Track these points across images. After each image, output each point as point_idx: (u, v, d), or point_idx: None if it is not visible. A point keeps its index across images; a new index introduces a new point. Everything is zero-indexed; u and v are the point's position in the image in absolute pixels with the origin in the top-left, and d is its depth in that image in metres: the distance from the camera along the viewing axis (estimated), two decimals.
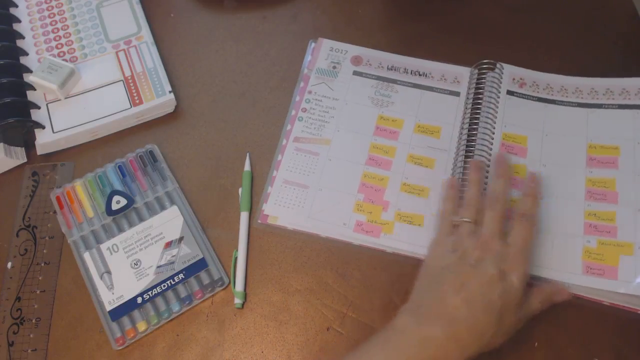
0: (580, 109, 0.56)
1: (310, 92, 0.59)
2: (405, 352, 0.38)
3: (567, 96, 0.57)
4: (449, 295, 0.40)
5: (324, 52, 0.61)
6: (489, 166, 0.52)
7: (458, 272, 0.41)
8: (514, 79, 0.58)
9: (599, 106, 0.56)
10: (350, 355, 0.40)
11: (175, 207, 0.52)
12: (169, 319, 0.48)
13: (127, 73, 0.59)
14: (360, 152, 0.55)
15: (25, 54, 0.60)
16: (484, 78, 0.58)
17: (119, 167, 0.54)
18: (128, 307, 0.48)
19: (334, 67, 0.60)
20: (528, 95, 0.57)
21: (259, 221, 0.52)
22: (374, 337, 0.40)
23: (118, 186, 0.53)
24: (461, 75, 0.59)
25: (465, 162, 0.54)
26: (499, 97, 0.57)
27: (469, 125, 0.56)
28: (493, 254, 0.41)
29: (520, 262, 0.41)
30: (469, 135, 0.55)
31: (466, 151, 0.54)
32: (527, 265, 0.42)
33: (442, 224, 0.47)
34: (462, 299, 0.39)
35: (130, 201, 0.52)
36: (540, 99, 0.57)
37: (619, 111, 0.55)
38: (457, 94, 0.58)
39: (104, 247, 0.50)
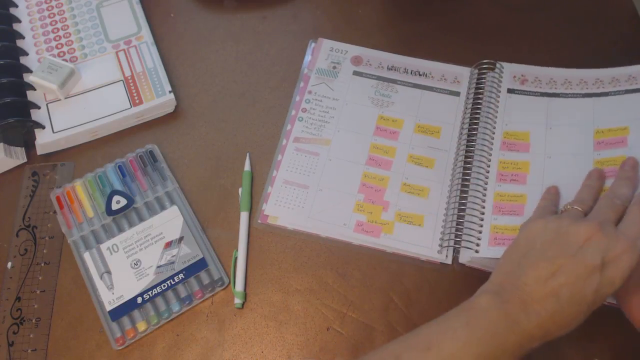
0: (586, 99, 0.55)
1: (310, 92, 0.59)
2: (492, 333, 0.35)
3: (571, 88, 0.56)
4: (537, 281, 0.35)
5: (324, 52, 0.61)
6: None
7: (553, 257, 0.36)
8: (514, 77, 0.58)
9: (606, 94, 0.54)
10: (428, 326, 0.37)
11: (175, 207, 0.52)
12: (169, 319, 0.48)
13: (127, 73, 0.59)
14: (360, 152, 0.55)
15: (25, 54, 0.60)
16: (484, 78, 0.58)
17: (119, 167, 0.54)
18: (128, 307, 0.48)
19: (334, 67, 0.60)
20: (530, 91, 0.57)
21: (259, 221, 0.52)
22: (454, 314, 0.37)
23: (118, 186, 0.53)
24: (461, 75, 0.59)
25: (465, 162, 0.54)
26: (499, 97, 0.57)
27: (469, 125, 0.56)
28: (598, 240, 0.35)
29: (628, 253, 0.34)
30: (469, 136, 0.55)
31: (466, 151, 0.54)
32: (635, 260, 0.35)
33: (543, 204, 0.42)
34: (551, 289, 0.35)
35: (130, 201, 0.52)
36: (543, 94, 0.56)
37: (627, 95, 0.53)
38: (457, 94, 0.58)
39: (104, 247, 0.50)
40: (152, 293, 0.48)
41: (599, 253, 0.35)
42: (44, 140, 0.55)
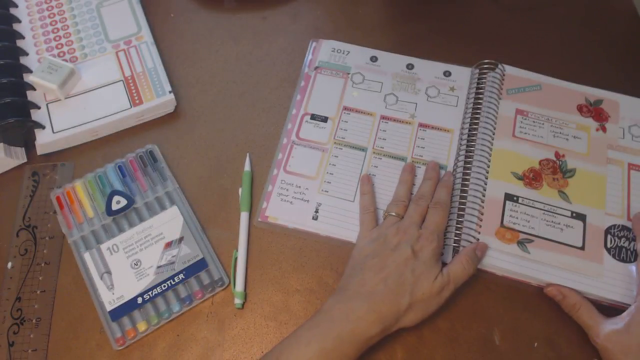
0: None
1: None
2: (331, 329, 0.42)
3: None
4: (370, 276, 0.44)
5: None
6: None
7: (379, 257, 0.46)
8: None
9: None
10: (283, 341, 0.42)
11: (175, 207, 0.52)
12: (169, 319, 0.48)
13: (127, 73, 0.59)
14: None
15: (25, 54, 0.60)
16: (485, 78, 0.58)
17: (119, 167, 0.54)
18: (128, 307, 0.48)
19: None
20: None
21: (259, 220, 0.52)
22: (305, 323, 0.43)
23: (118, 186, 0.53)
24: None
25: (465, 162, 0.54)
26: (500, 97, 0.57)
27: (470, 125, 0.56)
28: (409, 237, 0.46)
29: (430, 240, 0.46)
30: (469, 136, 0.55)
31: (466, 151, 0.54)
32: (438, 243, 0.46)
33: (365, 219, 0.50)
34: (380, 278, 0.44)
35: (130, 201, 0.52)
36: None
37: None
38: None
39: (104, 247, 0.50)
40: (152, 293, 0.48)
41: (408, 247, 0.45)
42: (44, 140, 0.55)
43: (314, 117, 0.58)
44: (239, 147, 0.57)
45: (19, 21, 0.63)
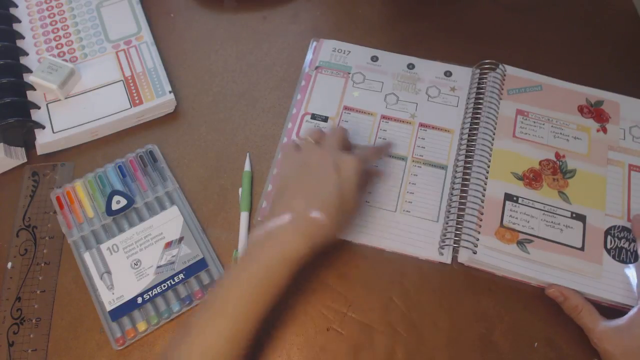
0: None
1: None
2: (260, 255, 0.41)
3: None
4: (292, 196, 0.44)
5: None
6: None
7: (300, 178, 0.45)
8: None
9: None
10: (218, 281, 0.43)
11: (175, 207, 0.52)
12: (169, 319, 0.48)
13: (127, 73, 0.59)
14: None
15: (25, 54, 0.60)
16: (485, 78, 0.58)
17: (119, 167, 0.54)
18: (128, 307, 0.48)
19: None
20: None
21: (259, 219, 0.52)
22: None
23: (118, 186, 0.53)
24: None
25: (466, 162, 0.54)
26: (500, 97, 0.57)
27: (470, 125, 0.56)
28: (331, 157, 0.45)
29: (353, 158, 0.45)
30: (469, 135, 0.55)
31: (467, 151, 0.54)
32: (361, 162, 0.45)
33: (283, 147, 0.51)
34: (302, 195, 0.44)
35: (130, 201, 0.52)
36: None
37: None
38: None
39: (104, 247, 0.50)
40: (152, 293, 0.48)
41: (332, 165, 0.44)
42: (44, 140, 0.55)
43: (314, 116, 0.58)
44: (239, 147, 0.57)
45: (19, 21, 0.63)
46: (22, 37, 0.61)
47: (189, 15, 0.66)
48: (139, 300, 0.48)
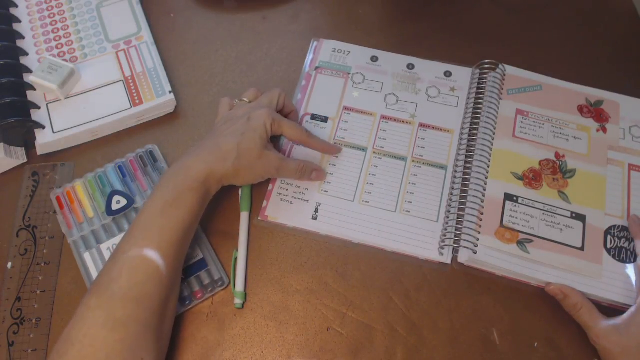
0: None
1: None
2: (169, 181, 0.45)
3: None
4: (207, 140, 0.49)
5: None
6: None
7: (220, 128, 0.50)
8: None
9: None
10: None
11: None
12: None
13: (127, 73, 0.59)
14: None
15: (25, 54, 0.60)
16: (485, 78, 0.58)
17: (119, 167, 0.54)
18: None
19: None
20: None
21: (259, 218, 0.52)
22: None
23: (118, 186, 0.53)
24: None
25: (466, 162, 0.54)
26: (500, 97, 0.57)
27: (470, 125, 0.56)
28: (245, 110, 0.51)
29: (264, 111, 0.50)
30: (469, 135, 0.55)
31: (467, 151, 0.54)
32: (271, 116, 0.50)
33: (221, 101, 0.54)
34: (214, 137, 0.49)
35: (131, 201, 0.52)
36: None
37: None
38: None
39: (104, 247, 0.50)
40: None
41: (245, 114, 0.50)
42: (44, 140, 0.55)
43: (314, 117, 0.58)
44: None
45: (19, 21, 0.63)
46: (22, 37, 0.61)
47: (189, 15, 0.66)
48: None
